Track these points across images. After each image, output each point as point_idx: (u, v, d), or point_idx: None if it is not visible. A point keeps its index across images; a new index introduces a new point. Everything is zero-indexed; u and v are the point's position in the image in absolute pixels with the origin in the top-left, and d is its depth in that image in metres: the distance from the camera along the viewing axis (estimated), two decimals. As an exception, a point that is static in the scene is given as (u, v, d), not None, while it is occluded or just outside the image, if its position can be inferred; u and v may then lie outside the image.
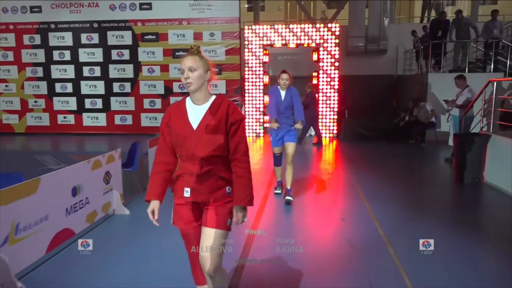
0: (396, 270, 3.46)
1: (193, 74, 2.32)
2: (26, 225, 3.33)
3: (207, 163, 2.31)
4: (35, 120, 13.52)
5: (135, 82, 12.92)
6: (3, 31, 13.15)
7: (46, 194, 3.58)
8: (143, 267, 3.57)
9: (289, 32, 11.86)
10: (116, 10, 12.69)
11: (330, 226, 4.66)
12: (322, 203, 5.57)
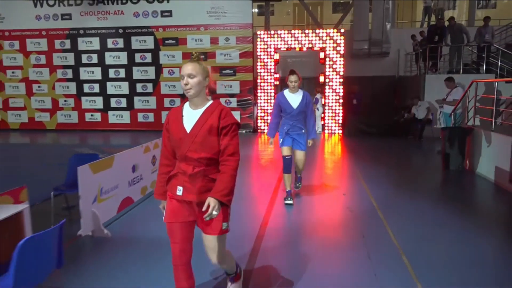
0: (383, 227, 4.56)
1: (192, 81, 2.42)
2: (106, 190, 4.50)
3: (199, 164, 2.42)
4: (65, 117, 14.76)
5: (156, 82, 14.10)
6: (37, 36, 14.41)
7: (117, 168, 4.74)
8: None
9: (296, 37, 12.95)
10: (140, 17, 13.89)
11: (334, 199, 5.75)
12: (327, 182, 6.68)
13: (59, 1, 14.11)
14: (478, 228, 4.54)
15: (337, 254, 3.90)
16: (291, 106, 5.12)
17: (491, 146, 6.60)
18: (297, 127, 5.23)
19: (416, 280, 3.30)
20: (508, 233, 4.44)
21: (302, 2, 16.84)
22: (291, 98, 5.15)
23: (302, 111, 5.16)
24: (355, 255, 3.82)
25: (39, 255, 2.37)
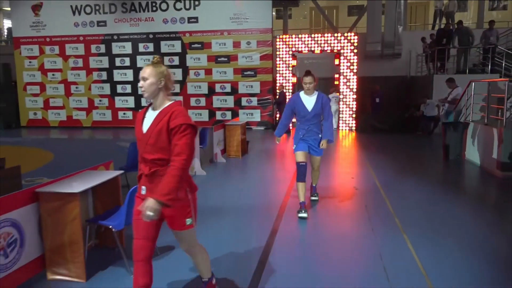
0: (383, 200, 5.59)
1: (145, 83, 2.50)
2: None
3: (154, 164, 2.47)
4: (100, 116, 16.13)
5: (183, 83, 15.32)
6: (75, 42, 15.82)
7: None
8: (219, 197, 5.84)
9: (313, 40, 13.99)
10: (168, 24, 15.14)
11: (343, 180, 6.79)
12: (339, 169, 7.71)
13: (95, 9, 15.48)
14: (463, 204, 5.54)
15: (343, 218, 4.96)
16: (305, 109, 4.86)
17: (483, 137, 7.54)
18: (313, 131, 4.92)
19: (403, 232, 4.34)
20: (489, 209, 5.44)
21: (318, 6, 17.84)
22: (306, 101, 4.88)
23: (317, 114, 4.87)
24: (358, 218, 4.88)
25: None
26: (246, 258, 3.79)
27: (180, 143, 2.40)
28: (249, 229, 4.64)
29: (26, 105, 16.54)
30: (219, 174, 7.54)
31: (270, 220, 4.81)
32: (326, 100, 4.94)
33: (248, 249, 4.00)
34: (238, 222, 4.83)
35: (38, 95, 16.37)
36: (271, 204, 5.48)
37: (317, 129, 4.97)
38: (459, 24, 12.85)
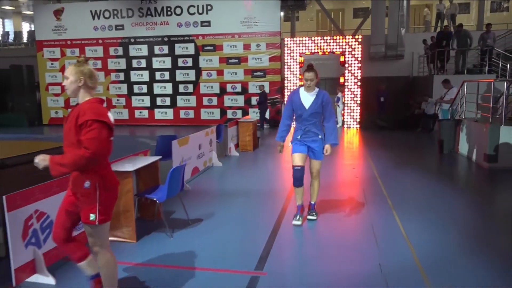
0: (379, 186, 6.39)
1: (66, 82, 2.64)
2: (185, 159, 6.52)
3: None
4: (117, 114, 17.05)
5: (196, 83, 16.20)
6: (94, 44, 16.77)
7: (191, 145, 6.77)
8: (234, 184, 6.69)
9: (319, 42, 14.78)
10: (182, 27, 16.02)
11: (345, 171, 7.60)
12: (342, 161, 8.52)
13: (113, 14, 16.41)
14: (448, 189, 6.33)
15: (343, 200, 5.78)
16: (303, 107, 4.47)
17: (473, 133, 8.30)
18: (312, 132, 4.52)
19: (392, 209, 5.16)
20: (470, 194, 6.23)
21: (325, 10, 18.62)
22: (304, 98, 4.49)
23: (315, 112, 4.46)
24: (356, 200, 5.69)
25: (175, 179, 4.37)
26: (259, 229, 4.62)
27: (84, 138, 2.49)
28: (262, 208, 5.47)
29: (48, 104, 17.53)
30: (233, 165, 8.39)
31: (280, 202, 5.63)
32: (328, 99, 4.50)
33: (261, 222, 4.84)
34: (251, 202, 5.68)
35: (59, 95, 17.34)
36: (280, 189, 6.31)
37: (317, 129, 4.54)
38: (458, 27, 13.57)
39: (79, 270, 3.54)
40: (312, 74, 4.41)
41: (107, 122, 2.56)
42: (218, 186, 6.84)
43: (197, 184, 6.66)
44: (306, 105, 4.48)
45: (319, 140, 4.55)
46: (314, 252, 3.97)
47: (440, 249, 4.00)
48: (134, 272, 3.57)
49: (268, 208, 5.41)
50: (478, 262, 3.71)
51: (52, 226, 3.19)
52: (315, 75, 4.42)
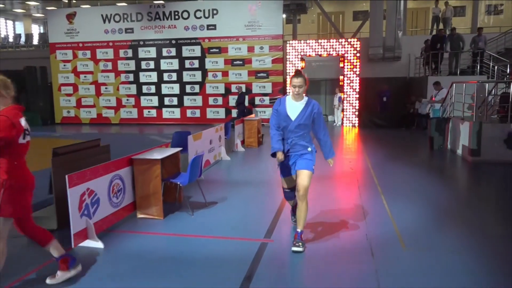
0: (371, 177, 7.16)
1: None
2: (199, 152, 7.32)
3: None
4: (127, 113, 17.87)
5: (202, 84, 16.99)
6: (105, 47, 17.58)
7: (203, 140, 7.56)
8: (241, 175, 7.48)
9: (320, 45, 15.56)
10: (189, 30, 16.82)
11: (342, 164, 8.37)
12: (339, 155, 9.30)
13: (123, 17, 17.23)
14: (432, 178, 7.11)
15: (338, 188, 6.56)
16: (288, 118, 3.97)
17: (460, 130, 9.07)
18: (299, 145, 4.03)
19: (381, 194, 5.94)
20: (450, 181, 7.00)
21: (325, 14, 19.40)
22: (291, 107, 3.99)
23: (303, 124, 3.95)
24: (350, 188, 6.47)
25: (195, 166, 5.16)
26: (266, 209, 5.41)
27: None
28: (268, 193, 6.25)
29: (61, 104, 18.35)
30: (240, 159, 9.17)
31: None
32: (319, 111, 4.03)
33: (267, 203, 5.62)
34: (258, 189, 6.46)
35: (71, 95, 18.17)
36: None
37: (305, 141, 4.04)
38: (452, 31, 14.33)
39: (121, 237, 4.36)
40: (301, 80, 3.91)
41: (15, 122, 2.95)
42: (228, 176, 7.65)
43: (209, 174, 7.45)
44: (292, 116, 3.96)
45: (307, 153, 4.03)
46: (312, 225, 4.75)
47: (417, 223, 4.79)
48: (163, 241, 4.37)
49: (273, 193, 6.19)
50: (448, 232, 4.49)
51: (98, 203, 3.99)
52: (304, 81, 3.91)
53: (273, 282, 3.43)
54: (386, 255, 3.93)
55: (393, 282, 3.38)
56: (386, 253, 3.98)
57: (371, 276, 3.48)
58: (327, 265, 3.74)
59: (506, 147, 8.10)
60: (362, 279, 3.47)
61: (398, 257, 3.88)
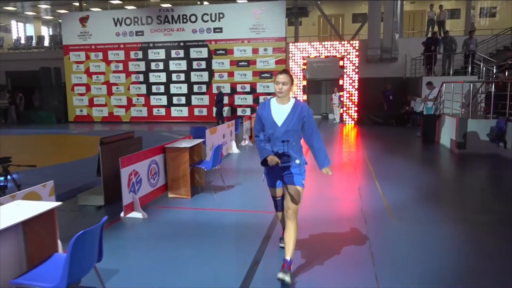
0: (368, 166, 8.07)
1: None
2: (214, 145, 8.24)
3: None
4: (137, 112, 18.79)
5: (209, 84, 17.91)
6: (116, 49, 18.50)
7: (217, 134, 8.49)
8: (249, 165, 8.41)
9: (320, 46, 16.47)
10: (197, 33, 17.74)
11: (341, 155, 9.28)
12: (339, 148, 10.21)
13: (134, 21, 18.14)
14: (421, 167, 8.04)
15: (338, 174, 7.48)
16: (274, 123, 3.45)
17: (449, 125, 9.99)
18: (287, 156, 3.48)
19: (375, 179, 6.87)
20: (436, 169, 7.93)
21: (325, 16, 20.31)
22: (277, 111, 3.48)
23: (291, 130, 3.44)
24: (348, 174, 7.39)
25: (217, 154, 6.07)
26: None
27: None
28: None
29: (74, 103, 19.27)
30: (248, 152, 10.09)
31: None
32: (309, 113, 3.50)
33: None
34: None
35: (84, 94, 19.08)
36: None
37: (293, 151, 3.48)
38: (445, 33, 15.24)
39: (157, 211, 5.28)
40: (285, 76, 3.42)
41: None
42: (240, 165, 8.57)
43: (223, 164, 8.36)
44: (279, 121, 3.43)
45: (296, 166, 3.50)
46: (315, 203, 5.66)
47: (404, 200, 5.71)
48: (191, 213, 5.29)
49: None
50: (430, 208, 5.42)
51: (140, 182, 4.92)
52: (290, 79, 3.43)
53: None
54: (377, 223, 4.85)
55: (381, 242, 4.31)
56: (376, 221, 4.91)
57: (364, 237, 4.41)
58: (328, 228, 4.67)
59: (489, 141, 9.02)
60: (356, 239, 4.40)
61: (386, 225, 4.80)
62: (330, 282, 3.43)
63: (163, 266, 3.72)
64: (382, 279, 3.42)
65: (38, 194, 3.39)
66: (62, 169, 7.57)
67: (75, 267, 2.48)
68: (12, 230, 2.75)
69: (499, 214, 5.19)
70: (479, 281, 3.46)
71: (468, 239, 4.37)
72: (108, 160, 5.44)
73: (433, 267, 3.66)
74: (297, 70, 16.86)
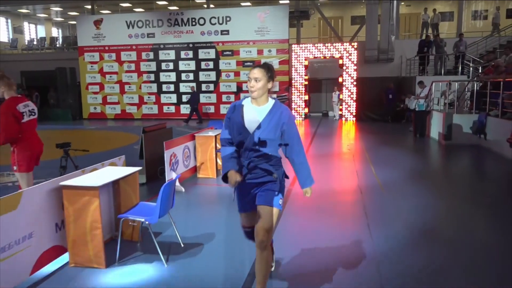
0: (365, 154, 9.24)
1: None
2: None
3: None
4: (148, 109, 19.92)
5: (216, 83, 19.06)
6: (129, 50, 19.63)
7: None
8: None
9: (322, 48, 17.63)
10: (205, 35, 18.88)
11: (341, 146, 10.43)
12: (340, 141, 11.37)
13: (146, 24, 19.27)
14: (411, 155, 9.21)
15: (337, 160, 8.64)
16: (245, 129, 2.78)
17: (437, 120, 11.16)
18: (261, 169, 2.82)
19: (370, 164, 8.04)
20: (424, 156, 9.11)
21: (325, 19, 21.48)
22: (250, 114, 2.81)
23: (267, 140, 2.75)
24: (347, 161, 8.56)
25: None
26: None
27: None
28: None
29: (88, 101, 20.38)
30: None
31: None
32: (290, 120, 2.83)
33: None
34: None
35: (97, 93, 20.20)
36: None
37: (269, 164, 2.83)
38: (437, 37, 16.43)
39: (190, 187, 6.44)
40: (259, 71, 2.78)
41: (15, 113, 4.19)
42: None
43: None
44: (251, 127, 2.78)
45: (273, 181, 2.85)
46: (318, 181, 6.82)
47: (394, 179, 6.89)
48: (217, 189, 6.46)
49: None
50: (415, 184, 6.59)
51: (178, 163, 6.07)
52: (265, 74, 2.79)
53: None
54: (370, 194, 6.02)
55: (373, 205, 5.48)
56: (370, 193, 6.08)
57: (360, 202, 5.58)
58: (331, 197, 5.84)
59: (472, 133, 10.19)
60: (353, 203, 5.57)
61: (378, 195, 5.98)
62: (332, 230, 4.60)
63: (199, 221, 4.89)
64: (373, 228, 4.59)
65: (115, 163, 4.52)
66: (104, 155, 8.68)
67: (162, 207, 3.64)
68: (105, 187, 3.91)
69: (472, 188, 6.38)
70: (447, 231, 4.64)
71: (444, 205, 5.55)
72: (149, 145, 6.60)
73: (415, 222, 4.83)
74: (300, 69, 18.00)
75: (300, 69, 17.99)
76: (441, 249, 4.04)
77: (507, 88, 9.17)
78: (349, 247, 4.09)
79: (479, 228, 4.70)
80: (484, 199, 5.82)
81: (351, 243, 4.18)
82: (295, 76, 18.08)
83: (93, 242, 3.51)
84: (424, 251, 3.97)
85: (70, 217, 3.50)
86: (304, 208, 5.40)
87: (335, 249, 4.03)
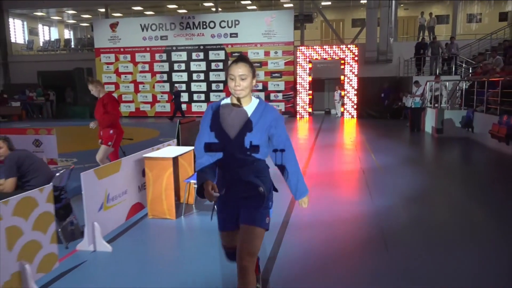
0: (366, 146, 10.48)
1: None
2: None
3: None
4: (161, 108, 21.14)
5: (225, 83, 20.14)
6: (143, 51, 20.85)
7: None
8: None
9: (324, 50, 18.87)
10: (215, 38, 20.11)
11: (344, 139, 11.66)
12: (343, 135, 12.59)
13: (159, 27, 20.49)
14: (407, 146, 10.46)
15: (342, 150, 9.87)
16: (225, 134, 2.36)
17: (430, 116, 12.40)
18: (245, 183, 2.38)
19: (371, 153, 9.28)
20: (418, 147, 10.37)
21: (327, 21, 22.72)
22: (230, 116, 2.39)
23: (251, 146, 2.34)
24: (350, 150, 9.79)
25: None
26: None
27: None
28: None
29: (104, 100, 21.55)
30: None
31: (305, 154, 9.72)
32: (278, 121, 2.43)
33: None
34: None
35: (113, 92, 21.37)
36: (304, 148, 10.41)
37: (255, 175, 2.40)
38: (433, 39, 17.70)
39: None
40: (245, 69, 2.35)
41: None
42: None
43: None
44: (232, 131, 2.35)
45: (258, 195, 2.38)
46: (325, 166, 8.05)
47: (391, 163, 8.14)
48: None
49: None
50: (410, 167, 7.84)
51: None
52: (250, 70, 2.39)
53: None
54: (371, 173, 7.27)
55: (373, 179, 6.72)
56: (370, 172, 7.33)
57: (362, 178, 6.82)
58: (337, 176, 7.08)
59: (461, 127, 11.44)
60: (356, 179, 6.81)
61: (377, 174, 7.22)
62: (338, 196, 5.83)
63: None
64: (374, 196, 5.82)
65: (170, 145, 5.75)
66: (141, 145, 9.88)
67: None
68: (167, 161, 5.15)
69: (458, 170, 7.62)
70: (434, 198, 5.89)
71: (434, 182, 6.79)
72: (184, 135, 7.82)
73: (410, 192, 6.07)
74: (304, 70, 19.23)
75: (303, 70, 19.20)
76: (430, 208, 5.30)
77: (491, 87, 10.41)
78: (355, 207, 5.32)
79: (460, 196, 5.94)
80: (469, 178, 7.07)
81: (357, 205, 5.42)
82: (300, 73, 19.23)
83: (167, 200, 4.75)
84: (416, 211, 5.22)
85: (150, 180, 4.74)
86: (314, 185, 6.64)
87: (344, 210, 5.27)
